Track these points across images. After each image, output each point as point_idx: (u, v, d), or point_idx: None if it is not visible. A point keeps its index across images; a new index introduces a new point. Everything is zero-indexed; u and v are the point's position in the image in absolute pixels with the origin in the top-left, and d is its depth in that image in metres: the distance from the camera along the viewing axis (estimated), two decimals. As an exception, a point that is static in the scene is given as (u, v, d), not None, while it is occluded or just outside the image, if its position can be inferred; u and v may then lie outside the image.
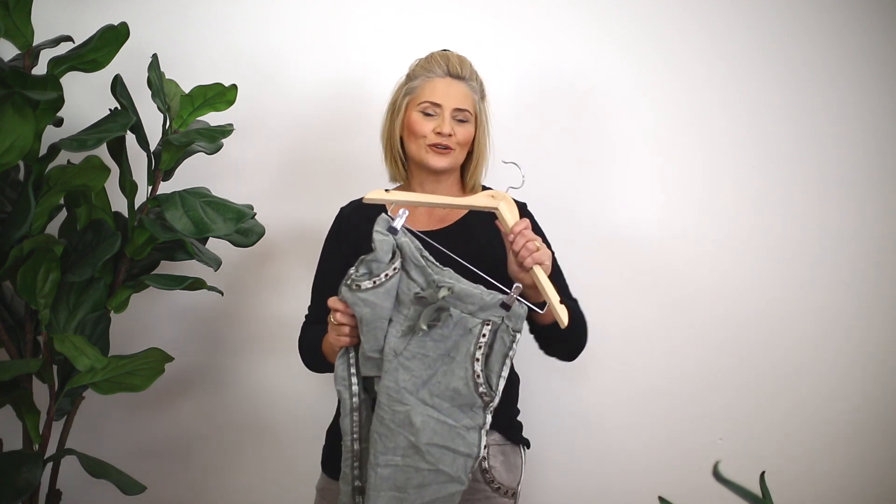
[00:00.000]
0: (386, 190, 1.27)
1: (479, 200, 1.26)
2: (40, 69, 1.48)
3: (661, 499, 0.91)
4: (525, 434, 1.46)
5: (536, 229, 1.28)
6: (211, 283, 1.61)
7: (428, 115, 1.36)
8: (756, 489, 0.76)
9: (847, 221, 1.88)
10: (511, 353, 1.19)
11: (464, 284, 1.20)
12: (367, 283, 1.19)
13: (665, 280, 1.90)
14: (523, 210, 1.44)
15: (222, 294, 1.67)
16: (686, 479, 1.79)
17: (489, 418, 1.21)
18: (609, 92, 1.88)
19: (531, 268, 1.20)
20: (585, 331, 1.35)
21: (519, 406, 1.48)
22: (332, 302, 1.25)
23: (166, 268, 1.72)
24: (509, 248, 1.23)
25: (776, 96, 1.87)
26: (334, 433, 1.45)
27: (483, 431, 1.20)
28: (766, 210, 1.88)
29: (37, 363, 1.46)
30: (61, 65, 1.45)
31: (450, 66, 1.38)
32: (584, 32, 1.87)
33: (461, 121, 1.37)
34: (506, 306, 1.18)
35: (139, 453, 1.90)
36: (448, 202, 1.28)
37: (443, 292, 1.18)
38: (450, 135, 1.36)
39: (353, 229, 1.43)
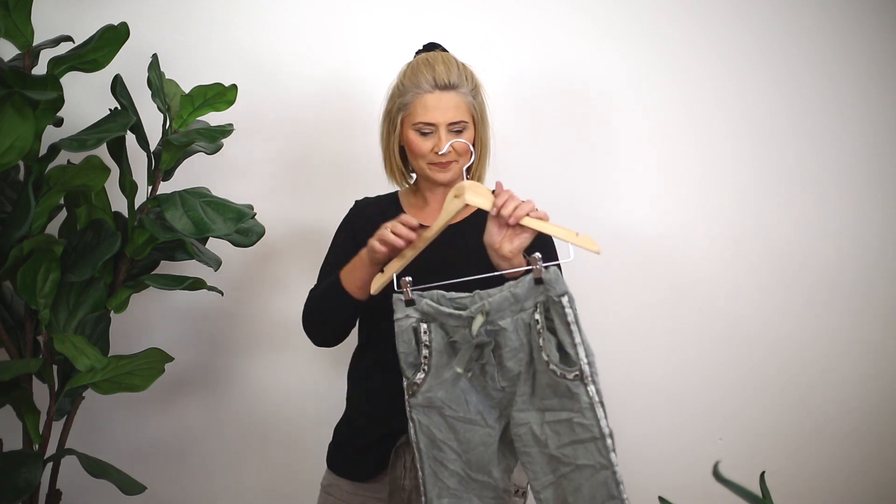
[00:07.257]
0: (380, 271, 1.24)
1: (445, 215, 1.21)
2: (40, 69, 1.48)
3: (661, 499, 0.92)
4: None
5: (541, 237, 1.27)
6: (211, 283, 1.61)
7: (424, 133, 1.35)
8: (756, 489, 0.76)
9: (847, 220, 1.88)
10: (571, 317, 1.13)
11: (493, 297, 1.16)
12: (419, 376, 1.20)
13: (664, 279, 1.90)
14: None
15: (222, 294, 1.67)
16: (686, 479, 1.78)
17: (592, 389, 1.14)
18: (606, 89, 1.88)
19: (521, 220, 1.16)
20: None
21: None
22: (405, 218, 1.21)
23: (166, 268, 1.72)
24: (492, 220, 1.19)
25: (774, 95, 1.87)
26: (341, 430, 1.47)
27: (596, 406, 1.14)
28: (765, 208, 1.88)
29: (37, 363, 1.46)
30: (61, 65, 1.45)
31: (437, 77, 1.33)
32: (580, 30, 1.87)
33: (458, 131, 1.35)
34: (538, 280, 1.14)
35: (139, 453, 1.90)
36: (435, 232, 1.23)
37: (476, 322, 1.14)
38: (448, 152, 1.34)
39: (367, 222, 1.41)
